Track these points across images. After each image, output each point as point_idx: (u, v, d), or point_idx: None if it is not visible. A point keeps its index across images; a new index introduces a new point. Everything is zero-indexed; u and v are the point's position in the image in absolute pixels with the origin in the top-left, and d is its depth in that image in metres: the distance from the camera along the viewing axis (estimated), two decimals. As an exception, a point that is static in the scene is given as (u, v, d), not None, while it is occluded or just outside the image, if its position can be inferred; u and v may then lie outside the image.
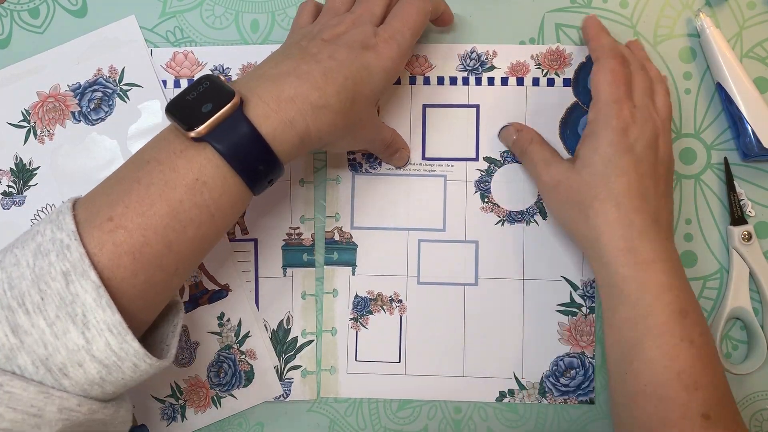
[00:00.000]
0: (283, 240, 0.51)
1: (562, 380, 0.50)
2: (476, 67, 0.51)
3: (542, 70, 0.50)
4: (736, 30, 0.50)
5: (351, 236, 0.51)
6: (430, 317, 0.50)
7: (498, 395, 0.50)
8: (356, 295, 0.51)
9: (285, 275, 0.50)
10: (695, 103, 0.50)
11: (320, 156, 0.51)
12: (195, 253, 0.36)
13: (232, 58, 0.51)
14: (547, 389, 0.49)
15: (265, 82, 0.37)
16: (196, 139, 0.35)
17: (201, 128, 0.35)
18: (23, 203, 0.50)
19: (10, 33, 0.51)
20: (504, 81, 0.51)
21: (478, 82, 0.51)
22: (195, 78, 0.50)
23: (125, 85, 0.51)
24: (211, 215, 0.36)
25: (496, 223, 0.50)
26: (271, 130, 0.36)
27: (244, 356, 0.50)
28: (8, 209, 0.50)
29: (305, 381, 0.50)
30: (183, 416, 0.50)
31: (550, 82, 0.50)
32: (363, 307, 0.51)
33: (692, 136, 0.50)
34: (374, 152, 0.49)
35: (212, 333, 0.50)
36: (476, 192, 0.51)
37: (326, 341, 0.50)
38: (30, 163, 0.50)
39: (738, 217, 0.49)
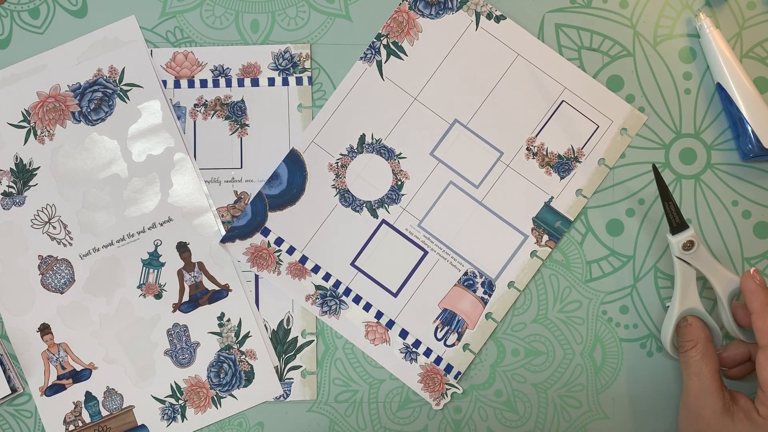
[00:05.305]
0: (283, 240, 0.51)
1: None
2: None
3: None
4: (736, 30, 0.50)
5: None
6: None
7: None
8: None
9: (285, 275, 0.50)
10: (695, 103, 0.50)
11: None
12: None
13: (232, 58, 0.51)
14: None
15: None
16: None
17: None
18: (23, 203, 0.50)
19: (10, 33, 0.51)
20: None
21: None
22: (194, 77, 0.50)
23: (125, 85, 0.51)
24: None
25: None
26: None
27: (244, 356, 0.50)
28: (8, 209, 0.50)
29: (305, 381, 0.50)
30: (183, 416, 0.50)
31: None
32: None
33: (692, 136, 0.50)
34: None
35: (212, 333, 0.50)
36: None
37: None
38: (30, 163, 0.50)
39: (677, 225, 0.45)
